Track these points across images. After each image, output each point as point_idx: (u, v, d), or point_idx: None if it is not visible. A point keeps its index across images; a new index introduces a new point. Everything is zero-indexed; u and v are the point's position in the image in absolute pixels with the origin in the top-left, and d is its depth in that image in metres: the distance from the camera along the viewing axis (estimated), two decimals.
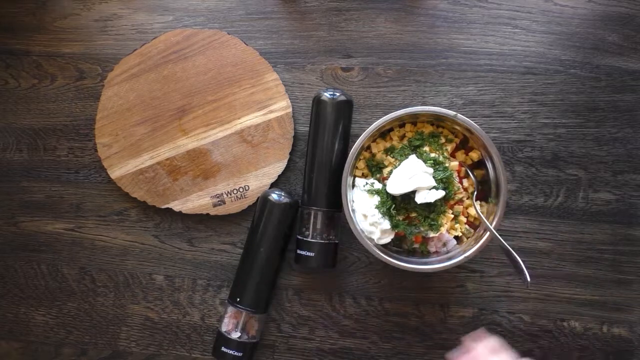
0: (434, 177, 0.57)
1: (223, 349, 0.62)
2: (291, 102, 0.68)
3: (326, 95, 0.62)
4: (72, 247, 0.71)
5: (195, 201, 0.68)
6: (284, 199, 0.63)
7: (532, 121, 0.66)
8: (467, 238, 0.61)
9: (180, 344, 0.68)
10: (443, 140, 0.61)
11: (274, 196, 0.63)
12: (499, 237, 0.55)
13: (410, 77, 0.67)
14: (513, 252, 0.53)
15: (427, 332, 0.66)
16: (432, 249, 0.61)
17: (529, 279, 0.51)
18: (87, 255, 0.70)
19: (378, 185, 0.59)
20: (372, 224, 0.58)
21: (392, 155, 0.61)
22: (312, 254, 0.62)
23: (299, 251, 0.63)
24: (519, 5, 0.67)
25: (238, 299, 0.62)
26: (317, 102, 0.63)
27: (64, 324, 0.70)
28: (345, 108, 0.63)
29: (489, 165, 0.60)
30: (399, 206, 0.59)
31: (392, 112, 0.59)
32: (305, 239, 0.62)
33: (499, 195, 0.58)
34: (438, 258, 0.60)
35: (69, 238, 0.71)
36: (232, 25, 0.70)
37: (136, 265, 0.70)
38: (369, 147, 0.62)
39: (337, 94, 0.62)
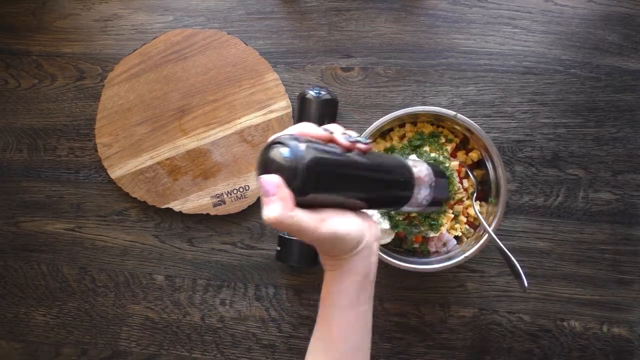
0: None
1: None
2: (291, 102, 0.68)
3: (311, 93, 0.62)
4: (72, 247, 0.71)
5: (195, 201, 0.68)
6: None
7: (532, 121, 0.66)
8: (467, 238, 0.61)
9: (181, 344, 0.68)
10: (443, 140, 0.61)
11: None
12: (498, 241, 0.54)
13: (410, 77, 0.67)
14: (511, 255, 0.53)
15: (427, 332, 0.66)
16: (432, 249, 0.61)
17: (526, 284, 0.51)
18: (87, 255, 0.70)
19: None
20: None
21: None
22: (292, 252, 0.63)
23: (279, 248, 0.63)
24: (519, 5, 0.67)
25: None
26: (302, 99, 0.63)
27: (64, 324, 0.70)
28: (329, 107, 0.63)
29: (489, 165, 0.60)
30: None
31: (392, 112, 0.59)
32: (285, 236, 0.63)
33: (499, 196, 0.58)
34: (438, 258, 0.60)
35: (69, 238, 0.71)
36: (232, 25, 0.70)
37: (136, 265, 0.70)
38: None
39: (323, 93, 0.62)
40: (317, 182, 0.33)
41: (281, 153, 0.32)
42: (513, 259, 0.52)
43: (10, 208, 0.72)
